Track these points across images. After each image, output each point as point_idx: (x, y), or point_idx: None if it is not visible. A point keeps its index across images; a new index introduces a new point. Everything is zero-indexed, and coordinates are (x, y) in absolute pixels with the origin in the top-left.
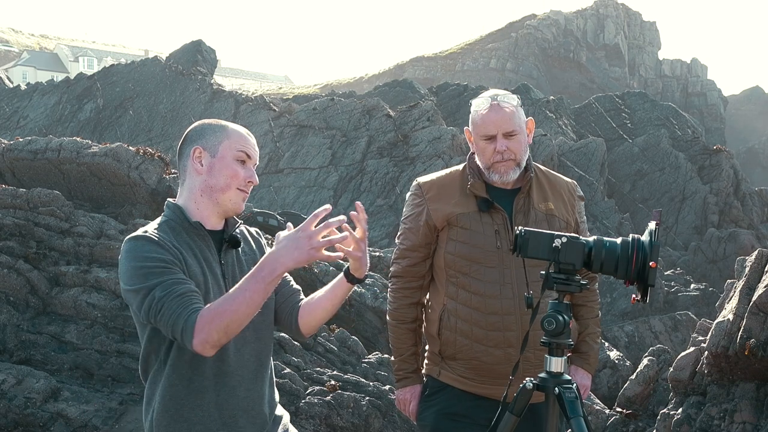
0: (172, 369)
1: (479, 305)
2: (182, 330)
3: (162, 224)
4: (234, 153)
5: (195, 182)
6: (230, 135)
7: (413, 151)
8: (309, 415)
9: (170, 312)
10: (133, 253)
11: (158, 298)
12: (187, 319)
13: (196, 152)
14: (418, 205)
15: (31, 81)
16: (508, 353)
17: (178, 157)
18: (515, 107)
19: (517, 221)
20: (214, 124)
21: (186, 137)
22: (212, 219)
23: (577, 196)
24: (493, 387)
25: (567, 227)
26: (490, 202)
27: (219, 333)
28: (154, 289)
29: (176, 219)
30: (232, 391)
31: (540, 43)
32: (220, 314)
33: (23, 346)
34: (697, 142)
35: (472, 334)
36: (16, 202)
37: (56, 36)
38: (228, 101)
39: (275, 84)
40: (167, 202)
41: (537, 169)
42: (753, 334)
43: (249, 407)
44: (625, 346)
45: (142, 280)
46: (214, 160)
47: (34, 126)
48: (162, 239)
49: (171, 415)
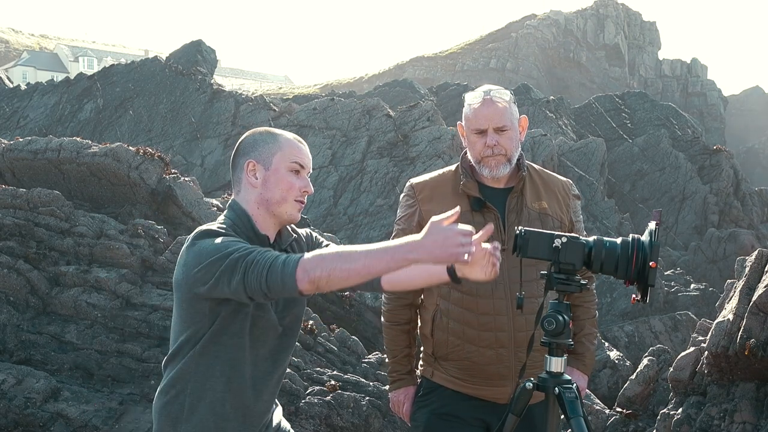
0: (213, 361)
1: (471, 305)
2: (283, 263)
3: (228, 227)
4: (288, 164)
5: (251, 195)
6: (282, 146)
7: (413, 151)
8: (309, 415)
9: (264, 258)
10: (205, 242)
11: (244, 253)
12: (288, 258)
13: (249, 165)
14: (411, 206)
15: (31, 81)
16: (499, 353)
17: (231, 167)
18: (508, 102)
19: (509, 220)
20: (266, 134)
21: (238, 149)
22: (270, 230)
23: (573, 194)
24: (484, 388)
25: (561, 226)
26: (483, 202)
27: (323, 274)
28: (234, 252)
29: (243, 226)
30: (258, 395)
31: (540, 43)
32: (332, 261)
33: (23, 346)
34: (697, 142)
35: (464, 335)
36: (16, 202)
37: (56, 36)
38: (228, 101)
39: (275, 84)
40: (233, 202)
41: (530, 168)
42: (753, 334)
43: (264, 410)
44: (625, 346)
45: (217, 251)
46: (268, 173)
47: (34, 126)
48: (234, 234)
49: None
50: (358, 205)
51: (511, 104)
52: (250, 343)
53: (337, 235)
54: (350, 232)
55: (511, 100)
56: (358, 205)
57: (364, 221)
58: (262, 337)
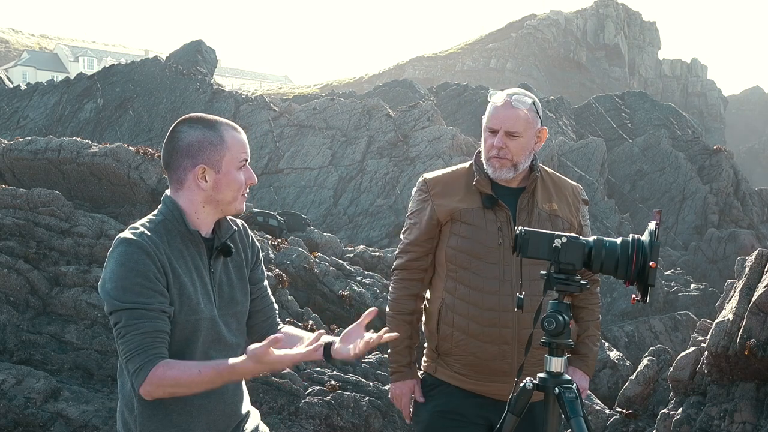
0: None
1: (477, 301)
2: (137, 370)
3: (158, 224)
4: (237, 164)
5: (196, 195)
6: (230, 146)
7: (413, 151)
8: (309, 415)
9: (131, 346)
10: (121, 259)
11: (124, 325)
12: (144, 364)
13: (199, 171)
14: (423, 200)
15: (31, 81)
16: (503, 350)
17: (168, 165)
18: (528, 110)
19: (520, 220)
20: (208, 131)
21: (178, 148)
22: (210, 225)
23: (582, 199)
24: (487, 384)
25: (570, 228)
26: (495, 199)
27: (165, 393)
28: (124, 312)
29: (174, 222)
30: (220, 397)
31: (540, 43)
32: (175, 381)
33: (23, 346)
34: (697, 142)
35: (468, 330)
36: (16, 202)
37: (56, 36)
38: (228, 101)
39: (275, 84)
40: (166, 197)
41: (543, 170)
42: (753, 334)
43: (232, 411)
44: (625, 346)
45: (119, 293)
46: (219, 176)
47: (34, 126)
48: (153, 248)
49: (159, 419)
50: (358, 205)
51: (531, 113)
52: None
53: (337, 235)
54: (350, 232)
55: (533, 109)
56: (358, 205)
57: (364, 221)
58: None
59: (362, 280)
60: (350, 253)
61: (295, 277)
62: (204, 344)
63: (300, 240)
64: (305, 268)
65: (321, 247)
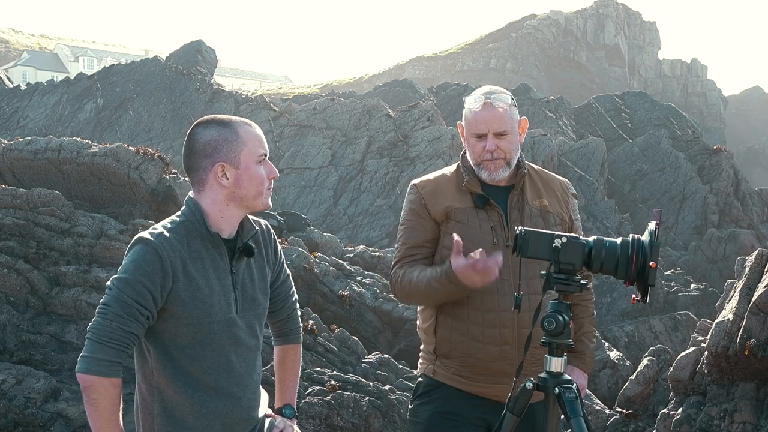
0: (174, 373)
1: (476, 302)
2: (93, 359)
3: (179, 225)
4: (255, 158)
5: (218, 194)
6: (246, 141)
7: (413, 151)
8: (309, 415)
9: (106, 332)
10: (134, 257)
11: (114, 312)
12: (101, 363)
13: (219, 169)
14: (416, 202)
15: (31, 81)
16: (503, 350)
17: (189, 168)
18: (508, 106)
19: (512, 217)
20: (223, 130)
21: (196, 149)
22: (235, 225)
23: (570, 193)
24: (487, 386)
25: (562, 223)
26: (486, 199)
27: (85, 396)
28: (120, 303)
29: (195, 223)
30: (237, 402)
31: (540, 43)
32: (95, 403)
33: (23, 346)
34: (697, 142)
35: (467, 331)
36: (16, 202)
37: (56, 36)
38: (228, 101)
39: (275, 84)
40: (189, 198)
41: (529, 167)
42: (753, 334)
43: (248, 416)
44: (625, 346)
45: (123, 284)
46: (239, 172)
47: (34, 126)
48: (168, 250)
49: (176, 421)
50: (358, 205)
51: (511, 108)
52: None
53: (337, 235)
54: (350, 232)
55: (511, 103)
56: (358, 205)
57: (364, 221)
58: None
59: (362, 280)
60: (350, 253)
61: (295, 277)
62: (220, 346)
63: (300, 240)
64: (305, 268)
65: (321, 247)
